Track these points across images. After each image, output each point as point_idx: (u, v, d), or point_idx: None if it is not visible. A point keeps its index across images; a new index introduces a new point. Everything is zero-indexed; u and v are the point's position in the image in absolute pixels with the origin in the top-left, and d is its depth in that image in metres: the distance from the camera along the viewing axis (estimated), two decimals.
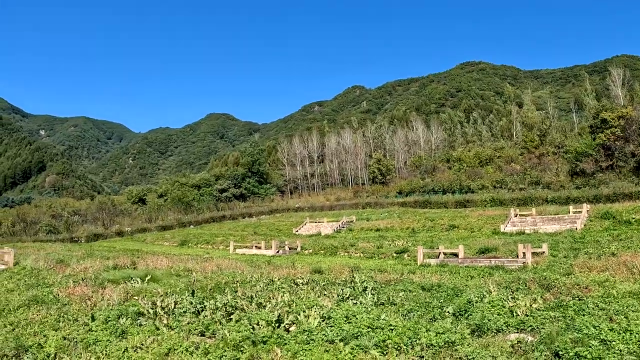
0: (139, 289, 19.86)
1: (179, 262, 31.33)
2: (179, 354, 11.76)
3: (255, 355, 11.16)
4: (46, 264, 31.10)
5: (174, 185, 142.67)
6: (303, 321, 13.29)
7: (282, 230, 78.00)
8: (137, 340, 12.84)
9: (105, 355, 12.47)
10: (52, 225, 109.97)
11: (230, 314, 14.77)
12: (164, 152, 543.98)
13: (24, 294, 21.65)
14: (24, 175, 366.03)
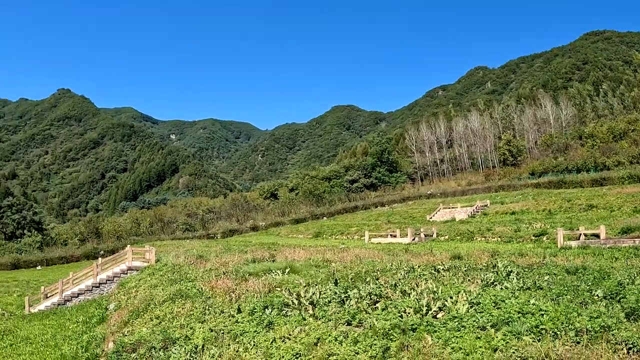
0: (280, 280, 20.69)
1: (316, 254, 32.39)
2: (328, 344, 12.07)
3: (405, 343, 11.24)
4: (186, 260, 33.45)
5: (304, 179, 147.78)
6: (451, 307, 13.23)
7: (416, 217, 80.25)
8: (285, 331, 13.33)
9: (253, 345, 13.14)
10: (189, 224, 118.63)
11: (376, 303, 14.87)
12: (291, 147, 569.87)
13: (167, 288, 23.39)
14: (158, 178, 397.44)
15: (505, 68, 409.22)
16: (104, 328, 21.88)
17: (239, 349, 13.25)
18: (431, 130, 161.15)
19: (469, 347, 10.70)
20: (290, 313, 15.15)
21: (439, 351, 10.78)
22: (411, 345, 11.12)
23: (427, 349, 10.88)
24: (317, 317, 14.35)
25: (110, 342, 18.39)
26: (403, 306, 13.79)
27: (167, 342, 14.97)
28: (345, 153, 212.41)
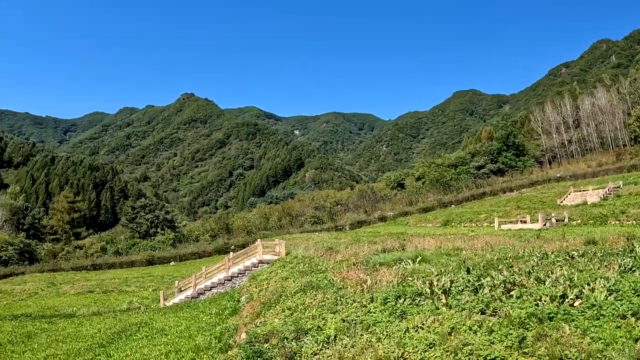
0: (411, 269, 20.40)
1: (445, 242, 31.99)
2: (463, 333, 11.85)
3: (541, 333, 11.01)
4: (316, 252, 33.85)
5: (430, 167, 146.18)
6: (588, 295, 12.77)
7: (545, 202, 78.45)
8: (418, 320, 13.12)
9: (385, 335, 12.96)
10: (316, 216, 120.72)
11: (510, 291, 14.50)
12: (415, 135, 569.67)
13: (298, 280, 23.68)
14: (284, 173, 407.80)
15: (630, 39, 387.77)
16: (236, 320, 22.43)
17: (371, 339, 13.13)
18: (557, 110, 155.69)
19: (609, 337, 10.28)
20: (422, 302, 14.98)
21: (577, 341, 10.42)
22: (548, 335, 10.84)
23: (565, 339, 10.54)
24: (450, 306, 14.15)
25: (243, 333, 18.77)
26: (538, 294, 13.46)
27: (299, 333, 15.05)
28: (470, 139, 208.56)
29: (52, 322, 32.56)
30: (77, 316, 35.75)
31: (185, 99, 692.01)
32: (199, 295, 40.00)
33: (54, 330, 29.11)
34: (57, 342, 25.27)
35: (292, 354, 13.94)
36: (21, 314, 39.83)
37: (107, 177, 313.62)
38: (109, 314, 35.15)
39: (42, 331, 29.28)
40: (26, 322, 33.57)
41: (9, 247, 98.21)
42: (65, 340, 25.46)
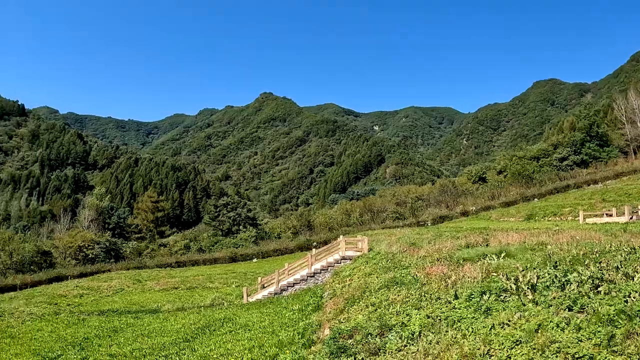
0: (495, 265, 19.92)
1: (529, 236, 31.16)
2: (550, 330, 11.57)
3: (631, 330, 10.65)
4: (399, 247, 33.64)
5: (512, 160, 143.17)
6: None
7: (632, 194, 75.67)
8: (503, 317, 12.86)
9: (471, 332, 12.71)
10: (398, 212, 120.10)
11: (597, 287, 14.02)
12: (496, 128, 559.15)
13: (381, 276, 23.40)
14: (365, 169, 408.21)
15: None
16: (320, 315, 22.43)
17: (456, 336, 12.93)
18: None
19: None
20: (508, 298, 14.72)
21: None
22: (638, 333, 10.45)
23: None
24: (536, 303, 13.81)
25: (327, 329, 18.74)
26: (627, 290, 12.92)
27: (383, 329, 14.91)
28: (552, 130, 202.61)
29: (138, 317, 33.49)
30: (162, 312, 36.70)
31: (264, 98, 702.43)
32: (281, 292, 40.34)
33: (139, 325, 29.92)
34: (142, 337, 25.95)
35: (376, 349, 13.84)
36: (108, 309, 41.24)
37: (190, 177, 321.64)
38: (193, 309, 35.90)
39: (128, 326, 30.16)
40: (113, 317, 34.68)
41: (95, 245, 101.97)
42: (151, 335, 26.12)
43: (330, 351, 14.56)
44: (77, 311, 42.07)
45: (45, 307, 43.96)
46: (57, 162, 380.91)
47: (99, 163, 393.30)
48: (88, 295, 53.84)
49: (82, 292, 56.14)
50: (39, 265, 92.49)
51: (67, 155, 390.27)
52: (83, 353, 23.75)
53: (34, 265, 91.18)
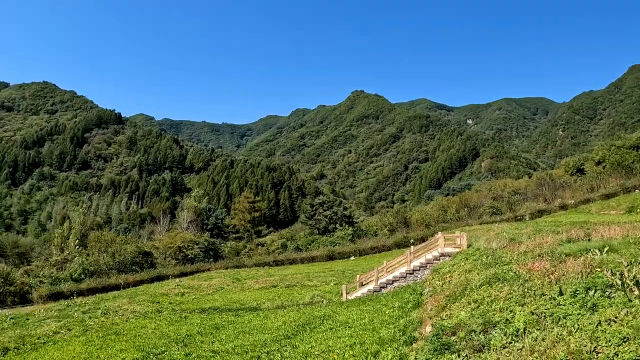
0: (599, 260, 19.40)
1: (632, 230, 29.97)
2: None
3: None
4: (498, 243, 33.18)
5: (611, 150, 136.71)
6: None
7: None
8: (610, 313, 12.60)
9: (577, 329, 12.52)
10: (495, 207, 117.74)
11: None
12: (592, 117, 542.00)
13: (482, 272, 23.11)
14: (460, 164, 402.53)
15: None
16: (420, 312, 22.34)
17: (562, 332, 12.72)
18: None
19: None
20: (614, 295, 14.36)
21: None
22: None
23: None
24: None
25: (428, 326, 18.68)
26: None
27: (487, 326, 14.79)
28: None
29: (238, 315, 34.25)
30: (262, 309, 37.39)
31: (356, 96, 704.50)
32: (380, 289, 40.37)
33: (240, 323, 30.61)
34: (243, 334, 26.54)
35: (480, 346, 13.77)
36: (209, 307, 42.37)
37: (285, 177, 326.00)
38: (293, 307, 36.41)
39: (229, 323, 30.89)
40: (214, 315, 35.61)
41: (194, 245, 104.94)
42: (252, 332, 26.68)
43: (433, 348, 14.55)
44: (179, 309, 43.39)
45: (148, 306, 45.53)
46: (154, 167, 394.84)
47: (195, 166, 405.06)
48: (189, 294, 55.46)
49: (183, 290, 57.86)
50: (141, 265, 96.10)
51: (164, 159, 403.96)
52: (186, 349, 24.55)
53: (135, 266, 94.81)
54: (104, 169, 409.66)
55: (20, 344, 30.54)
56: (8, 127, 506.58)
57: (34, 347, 29.69)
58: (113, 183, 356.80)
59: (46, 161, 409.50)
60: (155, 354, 24.29)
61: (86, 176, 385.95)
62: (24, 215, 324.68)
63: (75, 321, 37.29)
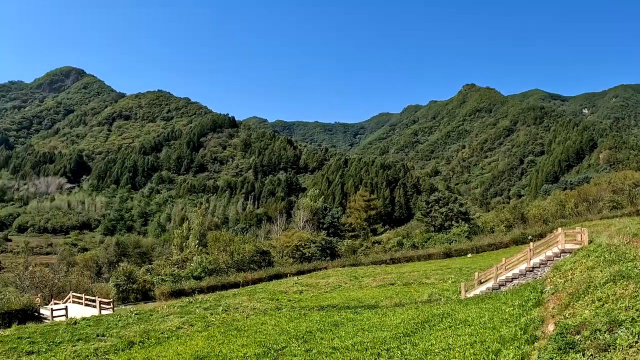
0: None
1: None
2: None
3: None
4: (620, 239, 31.84)
5: None
6: None
7: None
8: None
9: None
10: (615, 201, 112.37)
11: None
12: None
13: (606, 270, 22.33)
14: (577, 156, 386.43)
15: None
16: (541, 311, 21.89)
17: None
18: None
19: None
20: None
21: None
22: None
23: None
24: None
25: (551, 325, 18.35)
26: None
27: (612, 325, 14.50)
28: None
29: (357, 313, 34.58)
30: (380, 307, 37.59)
31: (467, 89, 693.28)
32: (499, 287, 39.73)
33: (359, 320, 30.93)
34: (362, 331, 26.86)
35: (605, 346, 13.52)
36: (327, 304, 42.97)
37: (399, 174, 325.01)
38: (411, 305, 36.40)
39: (348, 321, 31.27)
40: (332, 313, 36.12)
41: (311, 244, 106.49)
42: (371, 330, 26.94)
43: (557, 347, 14.36)
44: (298, 306, 44.15)
45: (267, 303, 46.59)
46: (269, 168, 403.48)
47: (309, 166, 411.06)
48: (307, 292, 56.32)
49: (301, 288, 58.81)
50: (258, 264, 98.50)
51: (278, 160, 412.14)
52: (306, 345, 25.08)
53: (253, 264, 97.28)
54: (220, 171, 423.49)
55: (145, 338, 32.01)
56: (127, 134, 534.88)
57: (158, 342, 31.01)
58: (229, 185, 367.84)
59: (164, 165, 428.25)
60: (276, 349, 24.94)
61: (203, 178, 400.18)
62: (144, 217, 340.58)
63: (197, 317, 38.72)
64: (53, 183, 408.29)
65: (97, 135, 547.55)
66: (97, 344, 30.25)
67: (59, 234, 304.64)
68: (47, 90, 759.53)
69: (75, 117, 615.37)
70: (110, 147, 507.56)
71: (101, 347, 29.50)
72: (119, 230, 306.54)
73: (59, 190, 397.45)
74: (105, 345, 30.03)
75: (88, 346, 29.70)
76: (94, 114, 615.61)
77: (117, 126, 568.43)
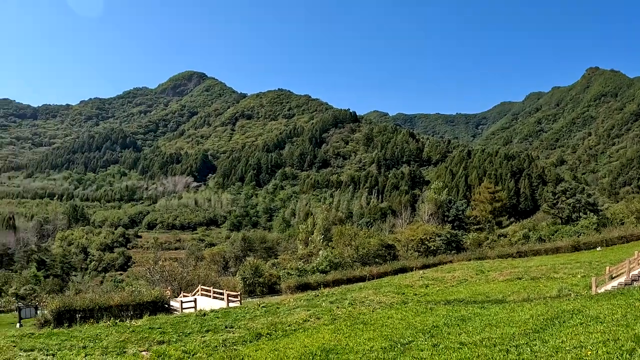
0: None
1: None
2: None
3: None
4: None
5: None
6: None
7: None
8: None
9: None
10: None
11: None
12: None
13: None
14: None
15: None
16: None
17: None
18: None
19: None
20: None
21: None
22: None
23: None
24: None
25: None
26: None
27: None
28: None
29: (484, 307, 34.20)
30: (508, 302, 37.02)
31: (591, 73, 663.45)
32: (632, 282, 38.13)
33: (486, 315, 30.57)
34: (490, 327, 26.57)
35: None
36: (453, 299, 42.77)
37: (523, 164, 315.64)
38: (539, 300, 35.60)
39: (475, 315, 30.96)
40: (459, 307, 35.89)
41: (436, 238, 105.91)
42: (498, 325, 26.58)
43: None
44: (424, 300, 44.15)
45: (393, 297, 46.77)
46: (392, 162, 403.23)
47: (432, 159, 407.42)
48: (433, 286, 56.14)
49: (427, 282, 58.67)
50: (383, 257, 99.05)
51: (401, 154, 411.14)
52: (433, 340, 25.03)
53: (378, 258, 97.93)
54: (343, 166, 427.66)
55: (272, 330, 32.91)
56: (249, 133, 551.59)
57: (285, 334, 31.80)
58: (353, 179, 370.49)
59: (287, 162, 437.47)
60: (402, 343, 24.95)
61: (326, 174, 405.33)
62: (269, 213, 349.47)
63: (324, 310, 39.38)
64: (180, 182, 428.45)
65: (221, 135, 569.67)
66: (226, 335, 31.38)
67: (186, 230, 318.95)
68: (171, 95, 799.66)
69: (199, 118, 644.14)
70: (234, 146, 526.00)
71: (229, 338, 30.58)
72: (245, 225, 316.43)
73: (186, 188, 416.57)
74: (233, 336, 31.11)
75: (217, 337, 30.87)
76: (217, 114, 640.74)
77: (240, 125, 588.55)
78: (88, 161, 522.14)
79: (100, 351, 26.95)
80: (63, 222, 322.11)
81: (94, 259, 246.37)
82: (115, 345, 28.52)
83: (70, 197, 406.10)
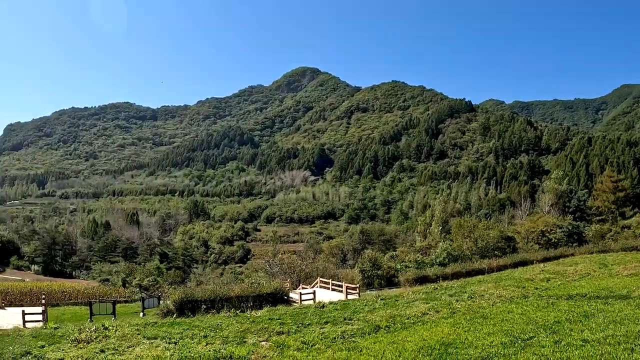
0: None
1: None
2: None
3: None
4: None
5: None
6: None
7: None
8: None
9: None
10: None
11: None
12: None
13: None
14: None
15: None
16: None
17: None
18: None
19: None
20: None
21: None
22: None
23: None
24: None
25: None
26: None
27: None
28: None
29: (607, 303, 33.11)
30: (633, 298, 35.68)
31: None
32: None
33: (610, 311, 29.61)
34: (614, 323, 25.76)
35: None
36: (576, 293, 41.54)
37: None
38: None
39: (598, 311, 30.02)
40: (581, 302, 34.89)
41: (557, 229, 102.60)
42: (623, 322, 25.69)
43: None
44: (545, 295, 43.05)
45: (514, 290, 45.87)
46: (510, 151, 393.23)
47: (551, 147, 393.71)
48: (554, 279, 54.57)
49: (548, 276, 57.02)
50: (502, 250, 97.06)
51: (519, 143, 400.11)
52: (555, 336, 24.50)
53: (497, 251, 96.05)
54: (460, 157, 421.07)
55: (391, 323, 32.88)
56: (365, 126, 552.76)
57: (403, 326, 31.71)
58: (470, 170, 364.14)
59: (404, 154, 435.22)
60: (523, 339, 24.57)
61: (444, 165, 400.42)
62: (386, 205, 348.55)
63: (443, 304, 39.12)
64: (298, 176, 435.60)
65: (337, 129, 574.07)
66: (344, 327, 31.73)
67: (304, 223, 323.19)
68: (286, 91, 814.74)
69: (315, 113, 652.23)
70: (351, 139, 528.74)
71: (348, 330, 30.91)
72: (363, 218, 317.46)
73: (304, 182, 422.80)
74: (352, 328, 31.43)
75: (335, 329, 31.27)
76: (332, 109, 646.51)
77: (355, 119, 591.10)
78: (207, 158, 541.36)
79: (221, 340, 28.05)
80: (184, 217, 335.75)
81: (214, 252, 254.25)
82: (235, 335, 29.63)
83: (191, 193, 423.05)
